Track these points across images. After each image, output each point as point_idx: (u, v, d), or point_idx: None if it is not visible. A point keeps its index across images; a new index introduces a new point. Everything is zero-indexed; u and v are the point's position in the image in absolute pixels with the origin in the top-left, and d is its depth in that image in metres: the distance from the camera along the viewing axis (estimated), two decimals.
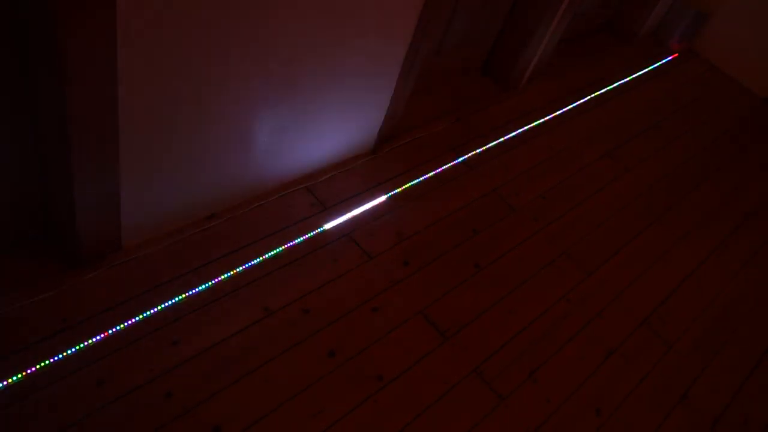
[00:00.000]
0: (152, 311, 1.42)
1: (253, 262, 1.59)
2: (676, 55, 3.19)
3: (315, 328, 1.52)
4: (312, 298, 1.58)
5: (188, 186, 1.53)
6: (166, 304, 1.44)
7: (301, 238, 1.69)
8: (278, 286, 1.57)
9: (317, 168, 1.87)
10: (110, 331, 1.37)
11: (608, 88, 2.75)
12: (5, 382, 1.25)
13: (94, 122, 1.21)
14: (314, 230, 1.73)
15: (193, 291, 1.49)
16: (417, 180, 1.99)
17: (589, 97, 2.65)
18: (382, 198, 1.89)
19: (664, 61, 3.11)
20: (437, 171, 2.05)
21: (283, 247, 1.65)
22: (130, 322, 1.39)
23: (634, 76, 2.90)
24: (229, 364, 1.39)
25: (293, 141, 1.71)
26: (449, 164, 2.09)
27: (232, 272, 1.55)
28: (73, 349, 1.34)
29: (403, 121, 2.09)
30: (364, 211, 1.83)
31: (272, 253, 1.63)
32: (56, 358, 1.32)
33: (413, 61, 1.86)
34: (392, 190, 1.93)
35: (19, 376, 1.27)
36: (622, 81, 2.83)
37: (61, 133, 1.21)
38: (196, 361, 1.37)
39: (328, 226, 1.75)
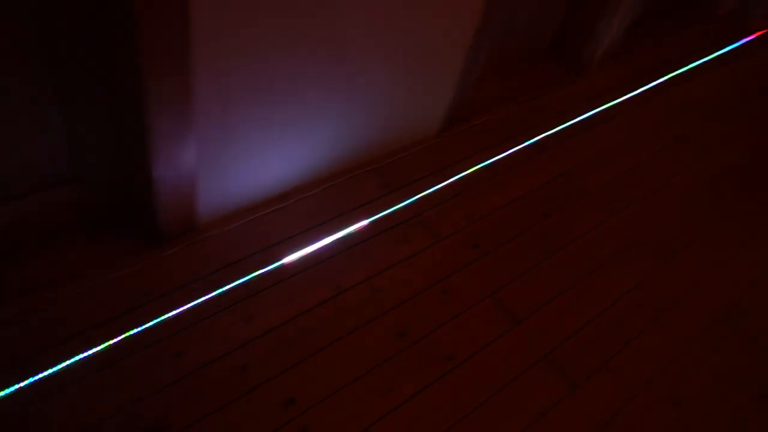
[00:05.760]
0: (228, 287, 1.45)
1: (323, 242, 1.61)
2: (760, 33, 3.02)
3: (385, 308, 1.52)
4: (381, 278, 1.58)
5: (261, 167, 1.55)
6: (241, 281, 1.47)
7: (370, 219, 1.70)
8: (348, 266, 1.58)
9: (385, 150, 1.87)
10: (188, 306, 1.41)
11: (684, 69, 2.63)
12: (91, 352, 1.31)
13: (171, 101, 1.24)
14: (383, 211, 1.72)
15: (266, 269, 1.51)
16: (486, 162, 1.96)
17: (663, 78, 2.54)
18: (451, 180, 1.87)
19: (745, 40, 2.94)
20: (506, 154, 2.01)
21: (353, 228, 1.66)
22: (206, 297, 1.43)
23: (712, 56, 2.76)
24: (302, 340, 1.41)
25: (361, 122, 1.71)
26: (518, 147, 2.05)
27: (303, 251, 1.57)
28: (153, 323, 1.38)
29: (470, 104, 2.06)
30: (433, 193, 1.82)
31: (342, 233, 1.64)
32: (137, 330, 1.36)
33: (480, 43, 1.83)
34: (461, 173, 1.90)
35: (104, 346, 1.33)
36: (700, 62, 2.70)
37: (139, 112, 1.25)
38: (270, 336, 1.40)
39: (396, 207, 1.75)
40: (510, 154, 2.02)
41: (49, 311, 1.35)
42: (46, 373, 1.26)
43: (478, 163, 1.95)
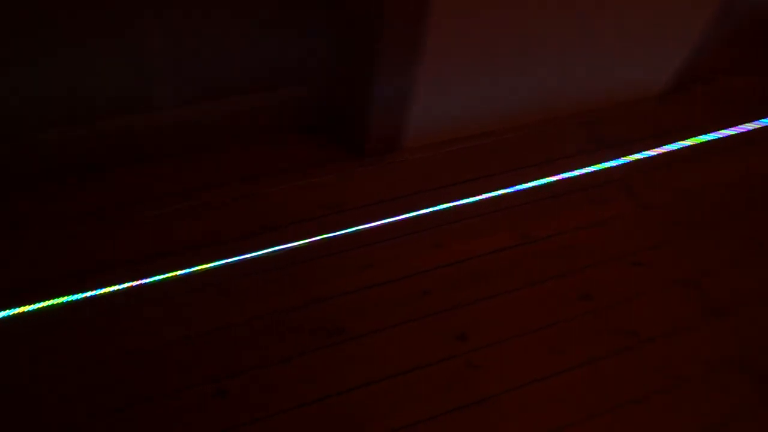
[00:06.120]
0: (420, 212, 1.47)
1: (518, 187, 1.55)
2: None
3: (571, 268, 1.45)
4: (573, 236, 1.50)
5: (474, 99, 1.52)
6: (434, 208, 1.48)
7: (571, 174, 1.60)
8: (540, 217, 1.52)
9: (599, 103, 1.74)
10: (380, 222, 1.44)
11: None
12: (281, 247, 1.40)
13: (407, 20, 1.24)
14: (586, 168, 1.62)
15: (459, 202, 1.50)
16: (709, 136, 1.75)
17: None
18: (666, 148, 1.70)
19: None
20: (739, 130, 1.78)
21: (552, 179, 1.58)
22: (399, 218, 1.46)
23: None
24: (483, 280, 1.40)
25: (580, 70, 1.60)
26: (750, 126, 1.81)
27: (497, 192, 1.54)
28: (344, 231, 1.44)
29: (704, 69, 1.84)
30: (645, 159, 1.67)
31: (539, 182, 1.57)
32: (328, 236, 1.43)
33: (732, 3, 1.60)
34: (679, 141, 1.72)
35: (295, 244, 1.41)
36: None
37: (373, 26, 1.25)
38: (454, 268, 1.40)
39: (601, 166, 1.63)
40: (744, 130, 1.78)
41: (248, 202, 1.45)
42: (237, 258, 1.37)
43: (701, 135, 1.75)
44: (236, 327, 1.28)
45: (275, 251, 1.38)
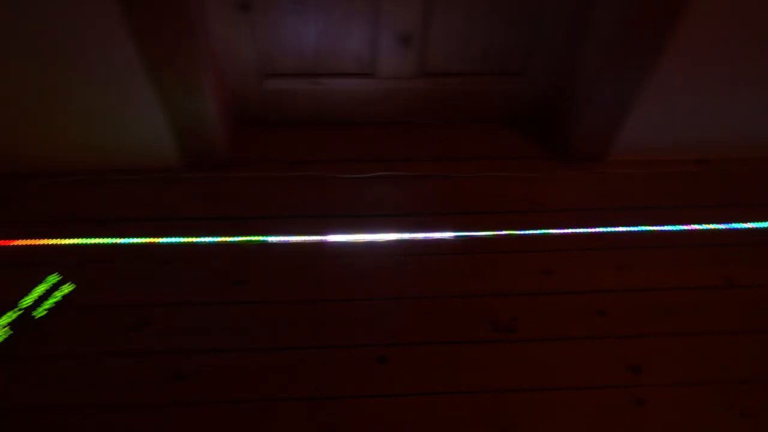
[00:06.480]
0: (613, 229, 1.39)
1: (731, 225, 1.41)
2: None
3: None
4: None
5: (699, 120, 1.40)
6: (628, 228, 1.39)
7: None
8: (750, 262, 1.37)
9: None
10: (570, 230, 1.39)
11: None
12: (473, 233, 1.39)
13: (654, 24, 1.17)
14: None
15: (658, 227, 1.40)
16: None
17: None
18: None
19: None
20: None
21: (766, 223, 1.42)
22: (589, 229, 1.39)
23: None
24: (669, 314, 1.29)
25: None
26: None
27: (705, 225, 1.40)
28: (535, 231, 1.40)
29: None
30: None
31: (758, 224, 1.41)
32: (512, 233, 1.40)
33: None
34: None
35: (486, 233, 1.39)
36: None
37: (606, 32, 1.20)
38: (637, 295, 1.31)
39: None
40: None
41: (444, 183, 1.47)
42: (411, 236, 1.39)
43: None
44: (417, 300, 1.30)
45: (465, 236, 1.38)
